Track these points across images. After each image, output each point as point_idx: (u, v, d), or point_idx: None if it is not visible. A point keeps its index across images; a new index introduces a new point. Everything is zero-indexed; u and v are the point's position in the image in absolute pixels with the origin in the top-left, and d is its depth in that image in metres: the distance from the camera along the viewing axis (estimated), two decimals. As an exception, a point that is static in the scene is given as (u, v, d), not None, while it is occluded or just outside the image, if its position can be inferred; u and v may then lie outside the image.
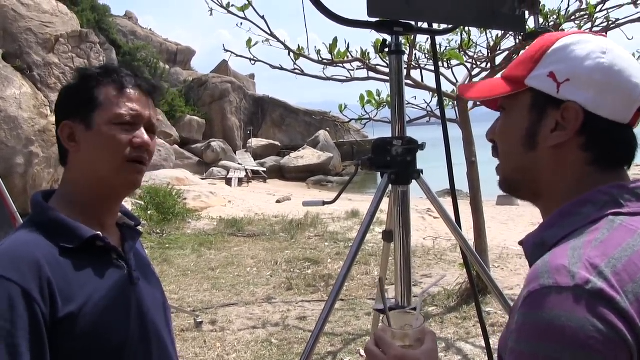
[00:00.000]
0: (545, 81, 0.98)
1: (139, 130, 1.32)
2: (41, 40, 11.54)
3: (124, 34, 28.39)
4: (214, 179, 22.48)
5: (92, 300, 1.20)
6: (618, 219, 0.90)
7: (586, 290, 0.79)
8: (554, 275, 0.82)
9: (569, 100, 0.96)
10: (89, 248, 1.25)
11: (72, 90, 1.33)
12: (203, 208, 13.43)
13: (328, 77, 5.51)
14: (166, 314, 1.43)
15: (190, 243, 9.15)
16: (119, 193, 1.38)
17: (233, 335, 4.99)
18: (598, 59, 0.96)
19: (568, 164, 0.99)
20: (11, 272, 1.11)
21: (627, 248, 0.85)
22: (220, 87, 29.31)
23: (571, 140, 0.97)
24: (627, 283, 0.80)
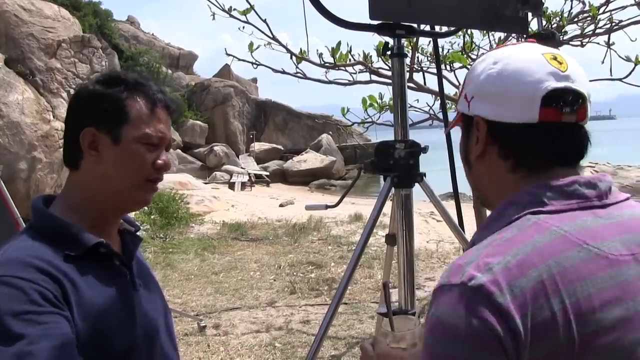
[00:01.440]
0: (462, 103, 1.08)
1: (162, 152, 1.32)
2: (43, 46, 11.55)
3: (126, 38, 28.43)
4: (216, 183, 22.49)
5: (95, 307, 1.19)
6: (535, 217, 0.93)
7: (468, 287, 0.83)
8: (449, 274, 0.88)
9: (475, 115, 1.04)
10: (92, 255, 1.24)
11: (99, 97, 1.28)
12: (206, 212, 13.42)
13: (330, 81, 5.51)
14: (167, 319, 1.43)
15: (194, 247, 9.14)
16: (129, 209, 1.37)
17: (236, 340, 4.99)
18: (488, 70, 1.02)
19: (495, 174, 1.05)
20: (23, 273, 1.10)
21: (529, 244, 0.87)
22: (223, 92, 29.33)
23: (488, 151, 1.04)
24: (517, 278, 0.83)
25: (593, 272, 0.87)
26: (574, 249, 0.88)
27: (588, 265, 0.87)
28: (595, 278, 0.86)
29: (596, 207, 0.96)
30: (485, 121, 1.02)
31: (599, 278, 0.87)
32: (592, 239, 0.90)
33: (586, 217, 0.93)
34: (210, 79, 30.95)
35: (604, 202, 0.97)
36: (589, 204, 0.96)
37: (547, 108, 0.96)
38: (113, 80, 1.30)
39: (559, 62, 1.00)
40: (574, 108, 0.98)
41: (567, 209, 0.94)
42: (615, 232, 0.93)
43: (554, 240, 0.88)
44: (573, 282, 0.84)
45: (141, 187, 1.30)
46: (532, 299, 0.82)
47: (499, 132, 1.01)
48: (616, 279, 0.88)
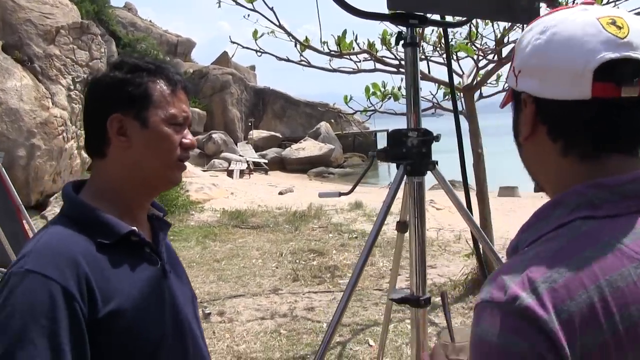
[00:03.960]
0: (511, 77, 0.97)
1: (187, 131, 1.34)
2: (41, 32, 11.47)
3: (124, 25, 28.28)
4: (215, 170, 22.46)
5: (130, 296, 1.20)
6: (586, 224, 0.83)
7: (514, 308, 0.76)
8: (492, 289, 0.81)
9: (523, 91, 0.94)
10: (124, 243, 1.25)
11: (121, 82, 1.29)
12: (206, 200, 13.42)
13: (335, 69, 5.52)
14: (195, 307, 1.45)
15: (195, 235, 9.17)
16: (160, 189, 1.40)
17: (242, 326, 5.02)
18: (535, 41, 0.91)
19: (545, 157, 0.94)
20: (51, 270, 1.11)
21: (579, 260, 0.78)
22: (221, 79, 29.27)
23: (538, 131, 0.93)
24: (563, 301, 0.75)
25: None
26: (630, 265, 0.78)
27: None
28: None
29: None
30: (532, 98, 0.91)
31: None
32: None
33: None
34: (209, 67, 30.88)
35: None
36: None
37: (601, 82, 0.83)
38: (131, 66, 1.32)
39: (618, 26, 0.86)
40: (634, 81, 0.83)
41: (624, 213, 0.83)
42: None
43: (608, 255, 0.79)
44: (628, 304, 0.76)
45: (173, 167, 1.33)
46: (581, 325, 0.75)
47: (548, 111, 0.90)
48: None
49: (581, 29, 0.87)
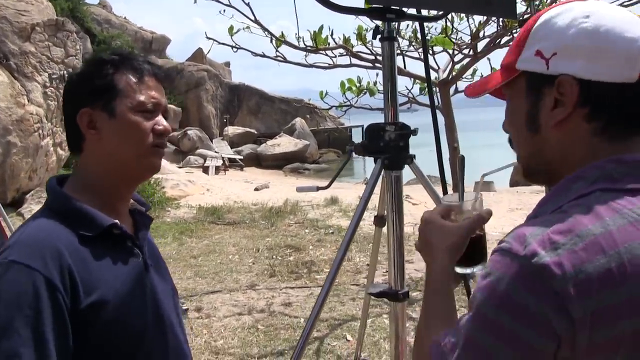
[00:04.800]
0: (533, 61, 0.96)
1: (159, 117, 1.35)
2: (17, 29, 11.28)
3: (99, 22, 27.92)
4: (190, 167, 22.32)
5: (112, 288, 1.22)
6: (606, 195, 0.87)
7: (530, 264, 0.81)
8: (512, 240, 0.85)
9: (560, 73, 0.93)
10: (106, 236, 1.26)
11: (87, 77, 1.32)
12: (181, 196, 13.33)
13: (310, 65, 5.53)
14: (175, 300, 1.45)
15: (171, 231, 9.10)
16: (140, 178, 1.41)
17: (219, 322, 5.01)
18: (581, 24, 0.92)
19: (575, 139, 0.95)
20: (35, 261, 1.12)
21: (599, 226, 0.82)
22: (196, 76, 29.08)
23: (573, 114, 0.93)
24: (583, 262, 0.79)
25: None
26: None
27: None
28: None
29: None
30: (576, 81, 0.92)
31: None
32: None
33: None
34: (184, 63, 30.66)
35: None
36: None
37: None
38: (99, 60, 1.33)
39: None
40: None
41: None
42: None
43: (627, 225, 0.82)
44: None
45: (147, 154, 1.33)
46: (598, 286, 0.78)
47: (591, 93, 0.91)
48: None
49: (624, 17, 0.93)
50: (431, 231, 1.11)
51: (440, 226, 1.10)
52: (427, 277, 1.10)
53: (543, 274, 0.79)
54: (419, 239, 1.14)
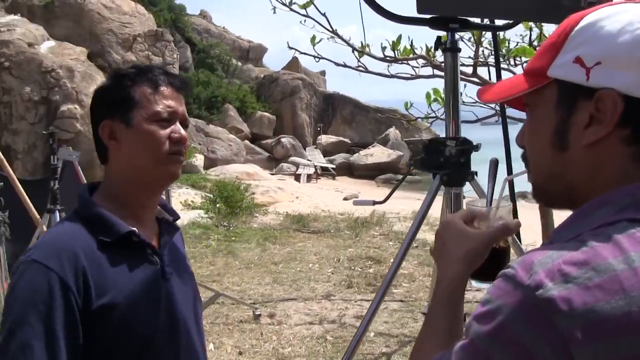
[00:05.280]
0: (571, 68, 0.82)
1: (175, 125, 1.37)
2: (120, 40, 12.06)
3: (199, 32, 29.06)
4: (283, 174, 22.73)
5: (123, 292, 1.26)
6: (632, 227, 0.75)
7: (534, 295, 0.71)
8: (518, 266, 0.75)
9: (603, 87, 0.80)
10: (126, 242, 1.31)
11: (107, 91, 1.39)
12: (271, 203, 13.61)
13: (392, 75, 5.46)
14: (196, 309, 1.46)
15: (256, 237, 9.27)
16: (159, 185, 1.44)
17: (289, 330, 5.04)
18: (637, 30, 0.79)
19: (609, 163, 0.82)
20: (52, 261, 1.20)
21: (622, 262, 0.71)
22: (291, 84, 29.56)
23: (611, 134, 0.80)
24: (597, 301, 0.69)
25: None
26: None
27: None
28: None
29: None
30: (622, 97, 0.79)
31: None
32: None
33: None
34: (279, 72, 31.29)
35: None
36: None
37: None
38: (117, 75, 1.39)
39: None
40: None
41: None
42: None
43: None
44: None
45: (164, 161, 1.36)
46: (612, 331, 0.68)
47: (637, 113, 0.79)
48: None
49: None
50: (449, 235, 1.02)
51: (460, 230, 1.01)
52: (435, 286, 1.01)
53: (547, 308, 0.70)
54: (434, 243, 1.05)
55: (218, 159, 20.76)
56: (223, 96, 24.21)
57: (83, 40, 11.91)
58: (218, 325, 5.10)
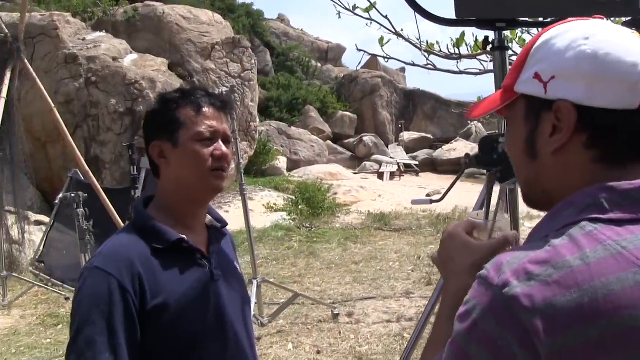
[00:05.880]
0: (532, 84, 0.92)
1: (218, 143, 1.51)
2: (199, 49, 12.49)
3: (277, 35, 29.52)
4: (366, 173, 22.75)
5: (174, 294, 1.41)
6: (591, 225, 0.82)
7: (502, 293, 0.78)
8: (491, 267, 0.83)
9: (559, 99, 0.89)
10: (176, 248, 1.46)
11: (155, 114, 1.55)
12: (353, 202, 13.66)
13: (461, 71, 5.44)
14: (244, 312, 1.60)
15: (337, 237, 9.40)
16: (205, 198, 1.58)
17: (367, 328, 5.13)
18: (580, 47, 0.88)
19: (574, 166, 0.90)
20: (112, 268, 1.36)
21: (577, 258, 0.78)
22: (371, 82, 29.49)
23: (572, 141, 0.89)
24: (554, 296, 0.76)
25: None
26: (630, 270, 0.77)
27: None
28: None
29: None
30: (574, 107, 0.87)
31: None
32: None
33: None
34: (358, 71, 31.28)
35: None
36: None
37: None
38: (164, 99, 1.54)
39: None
40: None
41: (632, 219, 0.82)
42: None
43: (607, 257, 0.78)
44: (620, 308, 0.75)
45: (207, 177, 1.50)
46: (567, 322, 0.75)
47: (591, 119, 0.87)
48: None
49: (626, 40, 0.88)
50: (454, 246, 1.08)
51: (464, 242, 1.07)
52: (442, 297, 1.08)
53: (512, 305, 0.77)
54: (439, 253, 1.12)
55: (301, 160, 21.02)
56: (304, 98, 24.48)
57: (163, 51, 12.43)
58: (297, 325, 5.26)
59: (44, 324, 5.90)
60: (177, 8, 13.46)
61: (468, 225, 1.11)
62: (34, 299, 6.81)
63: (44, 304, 6.63)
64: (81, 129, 10.98)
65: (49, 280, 7.04)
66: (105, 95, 10.94)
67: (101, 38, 12.00)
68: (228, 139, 1.56)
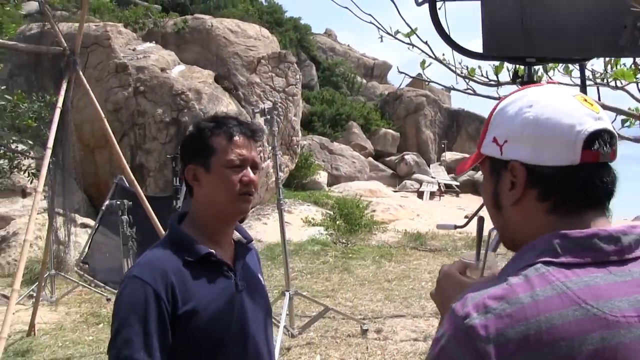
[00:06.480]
0: (491, 146, 1.06)
1: (247, 170, 1.68)
2: (245, 63, 12.76)
3: (324, 50, 29.82)
4: (406, 191, 22.71)
5: (203, 301, 1.57)
6: (545, 267, 0.94)
7: (463, 323, 0.91)
8: (458, 302, 0.95)
9: (511, 159, 1.02)
10: (205, 261, 1.62)
11: (191, 140, 1.72)
12: (391, 220, 13.68)
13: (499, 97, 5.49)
14: (266, 320, 1.75)
15: (372, 254, 9.49)
16: (232, 218, 1.75)
17: (394, 345, 5.20)
18: (525, 114, 1.01)
19: (531, 217, 1.03)
20: (149, 277, 1.53)
21: (528, 296, 0.90)
22: (415, 101, 29.50)
23: (526, 195, 1.02)
24: (506, 328, 0.88)
25: (584, 332, 0.88)
26: (571, 307, 0.89)
27: (581, 325, 0.88)
28: (584, 338, 0.87)
29: (612, 263, 0.95)
30: (524, 166, 1.01)
31: (589, 338, 0.87)
32: (595, 298, 0.90)
33: (597, 274, 0.93)
34: (403, 89, 31.31)
35: (624, 258, 0.96)
36: (605, 259, 0.95)
37: (588, 150, 0.97)
38: (199, 127, 1.70)
39: (590, 103, 1.01)
40: (611, 148, 0.99)
41: (580, 263, 0.94)
42: (627, 291, 0.92)
43: (554, 295, 0.90)
44: (559, 340, 0.87)
45: (235, 200, 1.68)
46: (515, 350, 0.87)
47: (539, 176, 1.00)
48: (610, 341, 0.88)
49: (565, 104, 1.01)
50: (450, 285, 1.20)
51: (458, 281, 1.19)
52: None
53: (471, 334, 0.90)
54: (436, 291, 1.24)
55: (342, 175, 21.13)
56: (347, 113, 24.61)
57: (210, 64, 12.72)
58: (327, 338, 5.37)
59: (86, 322, 6.19)
60: (226, 21, 13.80)
61: (461, 265, 1.23)
62: (78, 298, 7.13)
63: (87, 303, 6.94)
64: (128, 137, 11.34)
65: (92, 281, 7.34)
66: (152, 105, 11.27)
67: (151, 49, 12.37)
68: (257, 166, 1.73)
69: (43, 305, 6.60)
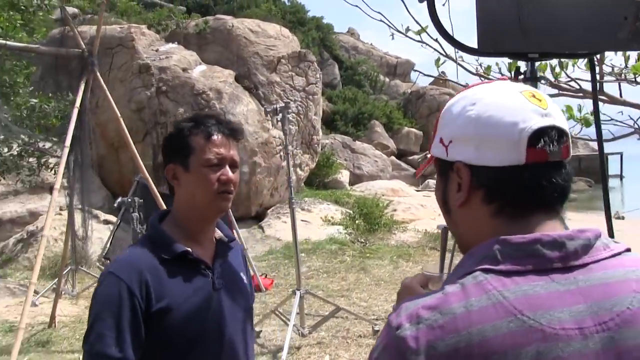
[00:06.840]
0: (438, 147, 1.01)
1: (225, 169, 1.68)
2: (266, 62, 12.78)
3: (346, 49, 29.72)
4: (428, 191, 22.54)
5: (177, 299, 1.57)
6: (483, 275, 0.88)
7: (395, 334, 0.87)
8: (394, 312, 0.92)
9: (456, 160, 0.98)
10: (182, 259, 1.62)
11: (171, 139, 1.72)
12: (412, 220, 13.57)
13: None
14: (245, 324, 1.75)
15: (390, 254, 9.43)
16: (211, 216, 1.74)
17: (406, 347, 5.13)
18: (467, 112, 0.96)
19: (477, 220, 0.98)
20: (124, 274, 1.54)
21: (462, 306, 0.85)
22: (438, 100, 29.18)
23: (472, 197, 0.97)
24: (436, 340, 0.84)
25: (518, 345, 0.82)
26: (505, 319, 0.84)
27: (515, 338, 0.83)
28: (519, 352, 0.82)
29: (556, 270, 0.89)
30: (468, 167, 0.96)
31: (524, 352, 0.82)
32: (532, 308, 0.85)
33: (537, 283, 0.87)
34: (426, 87, 31.06)
35: (569, 265, 0.89)
36: (548, 266, 0.89)
37: (533, 148, 0.92)
38: (179, 127, 1.70)
39: (538, 99, 0.95)
40: (560, 146, 0.94)
41: (520, 271, 0.88)
42: (569, 301, 0.86)
43: (489, 305, 0.85)
44: (490, 354, 0.82)
45: (214, 199, 1.68)
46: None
47: (483, 177, 0.95)
48: (546, 355, 0.82)
49: (510, 101, 0.95)
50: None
51: (418, 294, 1.14)
52: None
53: (401, 345, 0.86)
54: (397, 304, 1.16)
55: (364, 174, 21.04)
56: (370, 112, 24.50)
57: (231, 64, 12.77)
58: (337, 338, 5.34)
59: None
60: (246, 22, 13.85)
61: (422, 278, 1.19)
62: (97, 293, 7.21)
63: (105, 298, 7.01)
64: (150, 136, 11.45)
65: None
66: (174, 105, 11.37)
67: (173, 49, 12.48)
68: (236, 164, 1.73)
69: (65, 299, 6.83)
